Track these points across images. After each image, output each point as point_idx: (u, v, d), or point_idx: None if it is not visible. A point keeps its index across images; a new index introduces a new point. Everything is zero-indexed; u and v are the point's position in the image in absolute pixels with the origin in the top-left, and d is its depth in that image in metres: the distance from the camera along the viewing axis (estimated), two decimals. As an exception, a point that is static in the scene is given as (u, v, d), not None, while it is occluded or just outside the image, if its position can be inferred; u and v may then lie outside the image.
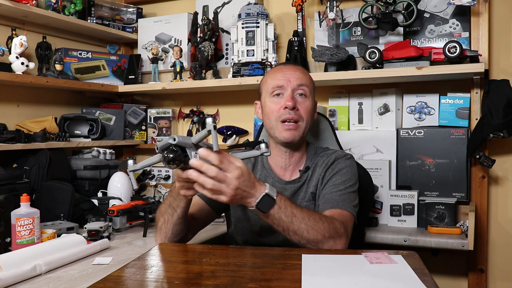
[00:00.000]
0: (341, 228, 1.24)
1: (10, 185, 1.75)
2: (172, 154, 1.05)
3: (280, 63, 1.64)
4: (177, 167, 1.08)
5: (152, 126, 2.62)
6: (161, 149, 1.08)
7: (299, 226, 1.18)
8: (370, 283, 0.93)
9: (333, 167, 1.42)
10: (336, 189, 1.37)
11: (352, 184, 1.40)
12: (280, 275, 1.02)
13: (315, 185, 1.43)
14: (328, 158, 1.45)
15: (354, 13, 2.16)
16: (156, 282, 1.01)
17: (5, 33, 2.12)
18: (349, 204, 1.35)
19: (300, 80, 1.41)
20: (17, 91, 2.17)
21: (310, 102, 1.43)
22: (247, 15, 2.19)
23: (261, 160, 1.52)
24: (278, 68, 1.47)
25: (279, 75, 1.43)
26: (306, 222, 1.18)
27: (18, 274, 1.19)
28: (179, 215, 1.29)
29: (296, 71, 1.43)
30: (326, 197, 1.36)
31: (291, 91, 1.40)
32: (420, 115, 2.07)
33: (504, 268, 2.02)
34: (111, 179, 2.17)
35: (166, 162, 1.05)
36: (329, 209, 1.32)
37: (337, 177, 1.39)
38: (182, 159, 1.07)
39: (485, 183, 1.95)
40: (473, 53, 1.84)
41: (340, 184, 1.38)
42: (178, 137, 1.06)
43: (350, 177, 1.40)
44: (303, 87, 1.41)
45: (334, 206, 1.33)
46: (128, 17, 2.68)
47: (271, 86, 1.43)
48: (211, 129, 1.05)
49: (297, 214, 1.18)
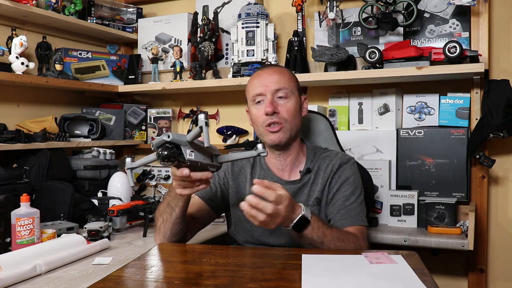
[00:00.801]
0: (364, 245, 1.32)
1: (10, 185, 1.75)
2: (167, 151, 1.05)
3: (259, 68, 1.66)
4: (171, 164, 1.08)
5: (152, 126, 2.62)
6: (156, 146, 1.08)
7: (329, 246, 1.23)
8: (370, 283, 0.93)
9: (340, 174, 1.43)
10: (348, 202, 1.40)
11: (360, 192, 1.44)
12: (280, 275, 1.02)
13: (320, 190, 1.43)
14: (332, 163, 1.45)
15: (354, 13, 2.16)
16: (156, 282, 1.01)
17: (5, 33, 2.12)
18: (363, 217, 1.40)
19: (278, 84, 1.41)
20: (17, 91, 2.17)
21: (292, 102, 1.42)
22: (247, 15, 2.19)
23: (259, 161, 1.52)
24: (256, 74, 1.48)
25: (256, 82, 1.44)
26: (335, 243, 1.24)
27: (18, 274, 1.19)
28: (177, 214, 1.29)
29: (273, 75, 1.43)
30: (342, 212, 1.39)
31: (271, 96, 1.40)
32: (420, 115, 2.07)
33: (504, 268, 2.02)
34: (111, 179, 2.17)
35: (160, 159, 1.05)
36: (348, 226, 1.36)
37: (346, 187, 1.42)
38: (177, 157, 1.07)
39: (485, 183, 1.95)
40: (473, 53, 1.84)
41: (351, 196, 1.41)
42: (173, 134, 1.06)
43: (357, 185, 1.44)
44: (282, 90, 1.41)
45: (352, 222, 1.37)
46: (128, 17, 2.68)
47: (251, 95, 1.45)
48: (202, 125, 1.06)
49: (328, 235, 1.24)
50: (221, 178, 1.51)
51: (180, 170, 1.11)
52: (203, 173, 1.15)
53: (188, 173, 1.11)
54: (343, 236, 1.28)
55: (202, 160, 1.13)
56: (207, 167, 1.16)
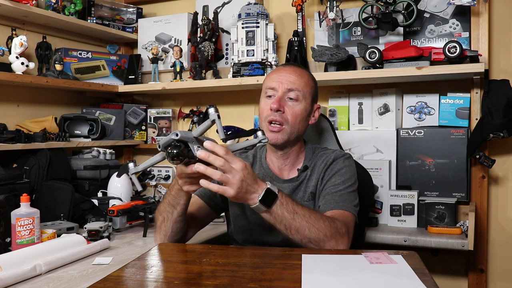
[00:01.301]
0: (343, 228, 1.24)
1: (10, 185, 1.75)
2: (176, 149, 1.06)
3: (281, 64, 1.65)
4: (181, 162, 1.08)
5: (152, 126, 2.62)
6: (164, 146, 1.09)
7: (301, 223, 1.18)
8: (370, 283, 0.93)
9: (332, 167, 1.42)
10: (336, 189, 1.37)
11: (352, 183, 1.40)
12: (280, 275, 1.02)
13: (314, 185, 1.43)
14: (327, 158, 1.45)
15: (354, 13, 2.16)
16: (156, 282, 1.01)
17: (5, 33, 2.12)
18: (350, 204, 1.35)
19: (292, 85, 1.41)
20: (17, 91, 2.17)
21: (301, 106, 1.41)
22: (247, 15, 2.19)
23: (259, 159, 1.52)
24: (277, 69, 1.48)
25: (274, 76, 1.44)
26: (307, 220, 1.19)
27: (18, 274, 1.19)
28: (178, 212, 1.29)
29: (292, 74, 1.43)
30: (327, 198, 1.37)
31: (281, 94, 1.40)
32: (420, 115, 2.07)
33: (504, 268, 2.02)
34: (111, 179, 2.17)
35: (170, 158, 1.06)
36: (330, 210, 1.32)
37: (336, 177, 1.39)
38: (186, 154, 1.07)
39: (485, 183, 1.95)
40: (473, 53, 1.84)
41: (339, 184, 1.38)
42: (180, 132, 1.07)
43: (349, 177, 1.40)
44: (294, 91, 1.41)
45: (335, 206, 1.33)
46: (128, 17, 2.68)
47: (265, 87, 1.45)
48: (215, 118, 1.06)
49: (299, 211, 1.19)
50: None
51: (189, 167, 1.11)
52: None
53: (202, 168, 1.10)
54: (316, 214, 1.22)
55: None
56: None
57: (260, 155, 1.53)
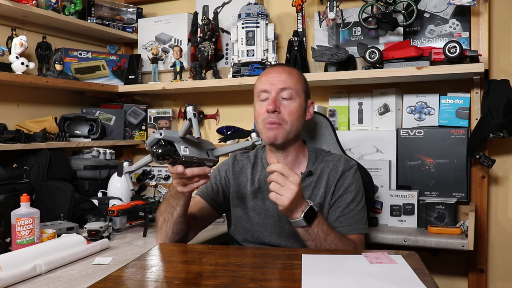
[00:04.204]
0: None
1: (10, 185, 1.75)
2: (161, 149, 1.05)
3: (269, 66, 1.67)
4: (167, 162, 1.08)
5: (152, 126, 2.62)
6: (150, 145, 1.08)
7: (330, 245, 1.25)
8: (370, 283, 0.93)
9: (342, 181, 1.43)
10: (348, 210, 1.40)
11: (361, 198, 1.44)
12: (280, 275, 1.02)
13: (322, 196, 1.42)
14: (335, 168, 1.44)
15: (354, 13, 2.16)
16: (156, 282, 1.01)
17: (5, 33, 2.12)
18: (362, 225, 1.41)
19: (284, 84, 1.41)
20: (17, 91, 2.17)
21: (296, 104, 1.42)
22: (247, 15, 2.19)
23: (261, 161, 1.52)
24: (266, 72, 1.48)
25: (264, 78, 1.45)
26: (336, 243, 1.26)
27: (18, 274, 1.19)
28: (178, 213, 1.29)
29: (282, 74, 1.43)
30: (341, 219, 1.39)
31: (275, 95, 1.40)
32: (420, 115, 2.07)
33: (504, 268, 2.02)
34: (111, 179, 2.17)
35: (155, 157, 1.05)
36: (347, 234, 1.36)
37: (348, 195, 1.42)
38: (172, 154, 1.07)
39: (485, 183, 1.95)
40: (473, 53, 1.84)
41: (351, 203, 1.41)
42: (164, 131, 1.07)
43: (358, 191, 1.43)
44: (287, 90, 1.41)
45: (351, 231, 1.38)
46: (128, 17, 2.68)
47: (257, 90, 1.45)
48: (191, 117, 1.06)
49: (331, 233, 1.26)
50: (222, 178, 1.51)
51: (174, 168, 1.11)
52: (200, 168, 1.16)
53: (182, 170, 1.12)
54: (344, 239, 1.30)
55: (197, 155, 1.13)
56: (204, 161, 1.16)
57: (261, 156, 1.53)
